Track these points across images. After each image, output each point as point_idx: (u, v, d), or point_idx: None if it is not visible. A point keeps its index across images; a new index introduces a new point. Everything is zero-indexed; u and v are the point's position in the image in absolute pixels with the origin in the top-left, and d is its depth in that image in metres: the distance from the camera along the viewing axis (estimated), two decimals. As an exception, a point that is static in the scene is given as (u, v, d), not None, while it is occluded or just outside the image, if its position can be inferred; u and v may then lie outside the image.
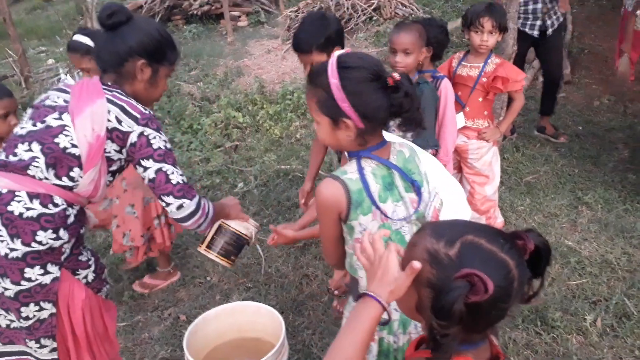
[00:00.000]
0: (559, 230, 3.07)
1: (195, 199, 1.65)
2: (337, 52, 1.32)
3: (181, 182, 1.61)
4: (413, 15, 7.45)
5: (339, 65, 1.27)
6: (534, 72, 5.48)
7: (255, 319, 2.09)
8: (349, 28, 7.24)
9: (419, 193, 1.37)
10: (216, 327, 2.07)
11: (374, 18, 7.39)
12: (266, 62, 6.69)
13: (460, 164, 2.86)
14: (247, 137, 4.62)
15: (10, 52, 7.76)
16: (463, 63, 2.74)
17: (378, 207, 1.32)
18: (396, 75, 1.27)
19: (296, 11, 7.61)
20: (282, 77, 6.05)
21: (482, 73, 2.64)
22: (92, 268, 1.64)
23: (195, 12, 8.04)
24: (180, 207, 1.61)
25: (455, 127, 2.56)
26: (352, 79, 1.26)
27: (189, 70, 6.23)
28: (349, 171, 1.33)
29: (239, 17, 8.27)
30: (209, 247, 1.88)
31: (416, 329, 1.42)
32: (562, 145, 4.05)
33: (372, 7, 7.45)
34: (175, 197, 1.59)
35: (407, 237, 1.36)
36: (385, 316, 0.99)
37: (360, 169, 1.32)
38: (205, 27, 8.12)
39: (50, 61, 7.47)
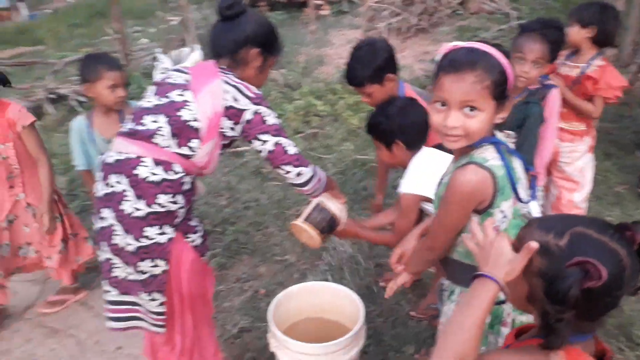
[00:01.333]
0: (648, 245, 2.92)
1: (311, 167, 1.82)
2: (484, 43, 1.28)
3: (297, 152, 1.77)
4: (500, 11, 7.22)
5: (499, 49, 1.27)
6: (631, 77, 5.16)
7: (334, 300, 2.19)
8: (433, 21, 7.14)
9: (528, 171, 1.39)
10: (297, 304, 2.18)
11: (459, 12, 7.23)
12: (347, 52, 6.72)
13: (549, 167, 2.79)
14: (325, 125, 4.72)
15: (109, 31, 8.34)
16: (566, 62, 2.66)
17: (516, 192, 1.32)
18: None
19: (379, 1, 7.60)
20: (363, 67, 6.10)
21: (583, 74, 2.55)
22: (200, 233, 1.81)
23: (279, 0, 8.23)
24: (299, 174, 1.78)
25: (554, 142, 2.49)
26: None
27: (272, 56, 6.43)
28: (489, 157, 1.29)
29: (322, 5, 8.37)
30: (306, 220, 1.99)
31: None
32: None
33: (457, 1, 7.29)
34: (294, 166, 1.76)
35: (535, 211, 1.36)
36: (501, 296, 1.02)
37: (501, 154, 1.31)
38: (288, 14, 8.29)
39: (144, 40, 7.94)
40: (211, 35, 1.83)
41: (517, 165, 1.38)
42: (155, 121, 1.64)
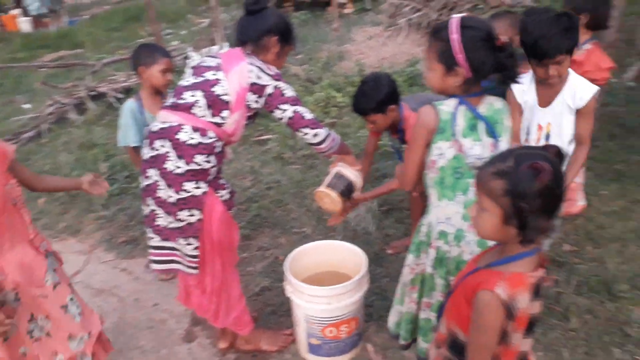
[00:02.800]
0: (641, 215, 3.12)
1: (325, 128, 2.17)
2: (459, 15, 1.61)
3: (313, 117, 2.12)
4: (520, 4, 7.35)
5: (461, 25, 1.58)
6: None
7: (345, 256, 2.49)
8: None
9: (495, 139, 1.67)
10: (311, 260, 2.50)
11: (479, 6, 7.38)
12: (367, 47, 7.02)
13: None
14: (344, 115, 5.01)
15: (142, 33, 8.85)
16: None
17: (457, 139, 1.64)
18: (504, 38, 1.60)
19: (400, -2, 7.84)
20: (382, 62, 6.36)
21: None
22: (228, 190, 2.16)
23: (304, -1, 8.54)
24: (315, 135, 2.12)
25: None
26: (470, 37, 1.57)
27: (295, 54, 6.74)
28: (446, 103, 1.66)
29: (345, 4, 8.65)
30: (328, 186, 2.33)
31: (468, 245, 1.73)
32: (663, 137, 3.97)
33: (478, -5, 7.45)
34: (311, 128, 2.10)
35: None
36: None
37: (457, 106, 1.64)
38: (312, 13, 8.60)
39: (175, 42, 8.40)
40: (238, 26, 2.18)
41: (478, 125, 1.67)
42: (193, 95, 1.99)
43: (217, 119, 2.00)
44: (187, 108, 1.98)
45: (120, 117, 2.77)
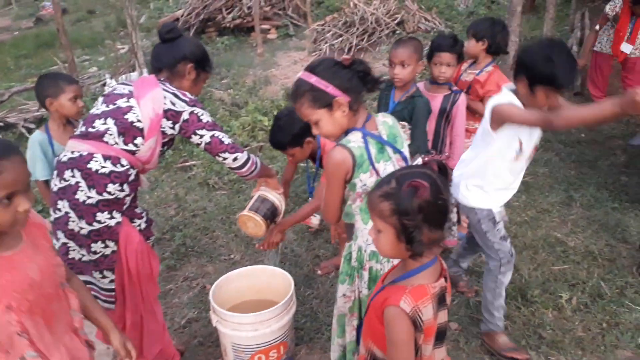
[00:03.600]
0: (549, 223, 3.35)
1: (245, 152, 2.14)
2: (303, 70, 1.72)
3: (231, 142, 2.09)
4: (435, 29, 7.80)
5: (310, 70, 1.69)
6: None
7: (271, 280, 2.47)
8: (372, 41, 7.63)
9: (403, 155, 1.79)
10: (237, 286, 2.46)
11: (397, 32, 7.75)
12: (292, 72, 7.13)
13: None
14: (271, 138, 5.03)
15: (57, 60, 8.45)
16: (467, 70, 3.09)
17: (374, 167, 1.71)
18: (346, 56, 1.71)
19: (323, 24, 8.06)
20: (306, 85, 6.47)
21: (474, 79, 2.98)
22: (144, 219, 2.08)
23: (227, 25, 8.55)
24: (235, 159, 2.09)
25: (463, 140, 2.91)
26: (323, 70, 1.67)
27: (220, 78, 6.72)
28: (353, 140, 1.70)
29: (269, 30, 8.75)
30: (250, 210, 2.32)
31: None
32: (563, 150, 4.32)
33: (395, 21, 7.82)
34: (230, 153, 2.07)
35: None
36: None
37: (365, 137, 1.70)
38: (236, 39, 8.62)
39: (93, 69, 8.10)
40: (153, 54, 2.16)
41: (386, 149, 1.75)
42: (104, 123, 1.93)
43: (130, 147, 1.95)
44: (99, 136, 1.92)
45: (27, 151, 2.61)
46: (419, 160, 2.46)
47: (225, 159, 2.08)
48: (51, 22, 11.79)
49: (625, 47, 4.37)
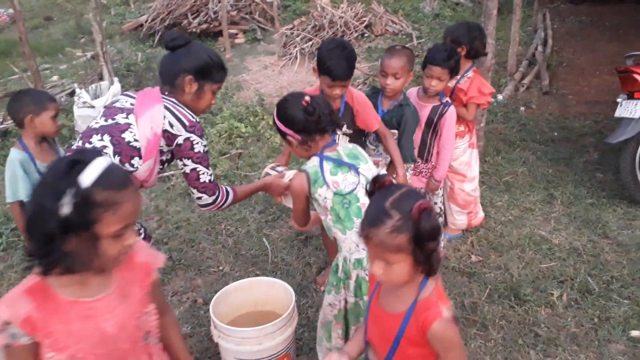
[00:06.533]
0: (533, 222, 3.44)
1: (213, 197, 2.12)
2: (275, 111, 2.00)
3: (207, 181, 2.06)
4: (402, 32, 7.90)
5: (275, 113, 2.00)
6: (515, 84, 5.90)
7: (270, 292, 2.42)
8: (342, 44, 7.67)
9: (356, 170, 1.97)
10: (235, 300, 2.39)
11: (366, 35, 7.81)
12: (264, 76, 7.08)
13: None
14: (249, 145, 4.97)
15: (16, 69, 8.10)
16: None
17: (326, 181, 1.92)
18: (307, 98, 1.91)
19: (291, 29, 8.03)
20: (280, 90, 6.44)
21: (456, 86, 3.02)
22: (142, 236, 2.01)
23: (194, 30, 8.40)
24: (199, 198, 2.11)
25: (452, 152, 2.95)
26: (281, 111, 1.98)
27: (191, 84, 6.59)
28: (310, 163, 1.99)
29: (236, 34, 8.66)
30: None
31: None
32: (539, 149, 4.44)
33: (363, 25, 7.88)
34: (199, 191, 2.08)
35: (360, 195, 1.93)
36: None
37: (321, 160, 1.96)
38: (204, 44, 8.49)
39: (55, 77, 7.81)
40: (160, 64, 2.08)
41: (342, 169, 1.96)
42: (101, 140, 1.85)
43: (127, 166, 1.87)
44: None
45: (6, 171, 2.48)
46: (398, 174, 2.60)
47: (192, 193, 2.11)
48: (5, 29, 11.33)
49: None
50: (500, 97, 5.50)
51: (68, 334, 1.16)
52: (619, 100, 3.55)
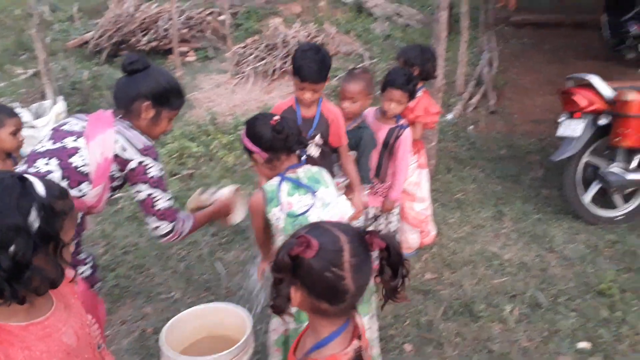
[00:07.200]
0: (484, 238, 3.52)
1: (172, 224, 1.95)
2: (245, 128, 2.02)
3: (163, 208, 1.91)
4: (354, 52, 8.04)
5: (245, 131, 2.02)
6: (463, 103, 6.09)
7: (225, 318, 2.34)
8: (295, 63, 7.70)
9: (313, 193, 1.99)
10: (189, 327, 2.30)
11: (319, 53, 7.88)
12: (216, 95, 7.00)
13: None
14: (201, 165, 4.87)
15: (-49, 87, 7.64)
16: None
17: (280, 201, 1.94)
18: (276, 117, 1.94)
19: (244, 47, 8.00)
20: (233, 109, 6.38)
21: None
22: (89, 264, 1.90)
23: (143, 47, 8.22)
24: (155, 228, 1.94)
25: (406, 173, 2.99)
26: (250, 128, 1.99)
27: (140, 103, 6.42)
28: (270, 183, 2.01)
29: (187, 52, 8.53)
30: None
31: None
32: (488, 166, 4.59)
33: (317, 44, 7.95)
34: (158, 219, 1.92)
35: (312, 218, 1.92)
36: None
37: (281, 180, 1.98)
38: (153, 62, 8.31)
39: (-6, 95, 7.43)
40: (115, 87, 1.98)
41: (300, 191, 1.98)
42: (47, 164, 1.74)
43: (74, 192, 1.76)
44: (39, 179, 1.72)
45: None
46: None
47: (147, 223, 1.93)
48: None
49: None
50: (450, 116, 5.66)
51: (35, 359, 1.10)
52: (560, 120, 3.72)
